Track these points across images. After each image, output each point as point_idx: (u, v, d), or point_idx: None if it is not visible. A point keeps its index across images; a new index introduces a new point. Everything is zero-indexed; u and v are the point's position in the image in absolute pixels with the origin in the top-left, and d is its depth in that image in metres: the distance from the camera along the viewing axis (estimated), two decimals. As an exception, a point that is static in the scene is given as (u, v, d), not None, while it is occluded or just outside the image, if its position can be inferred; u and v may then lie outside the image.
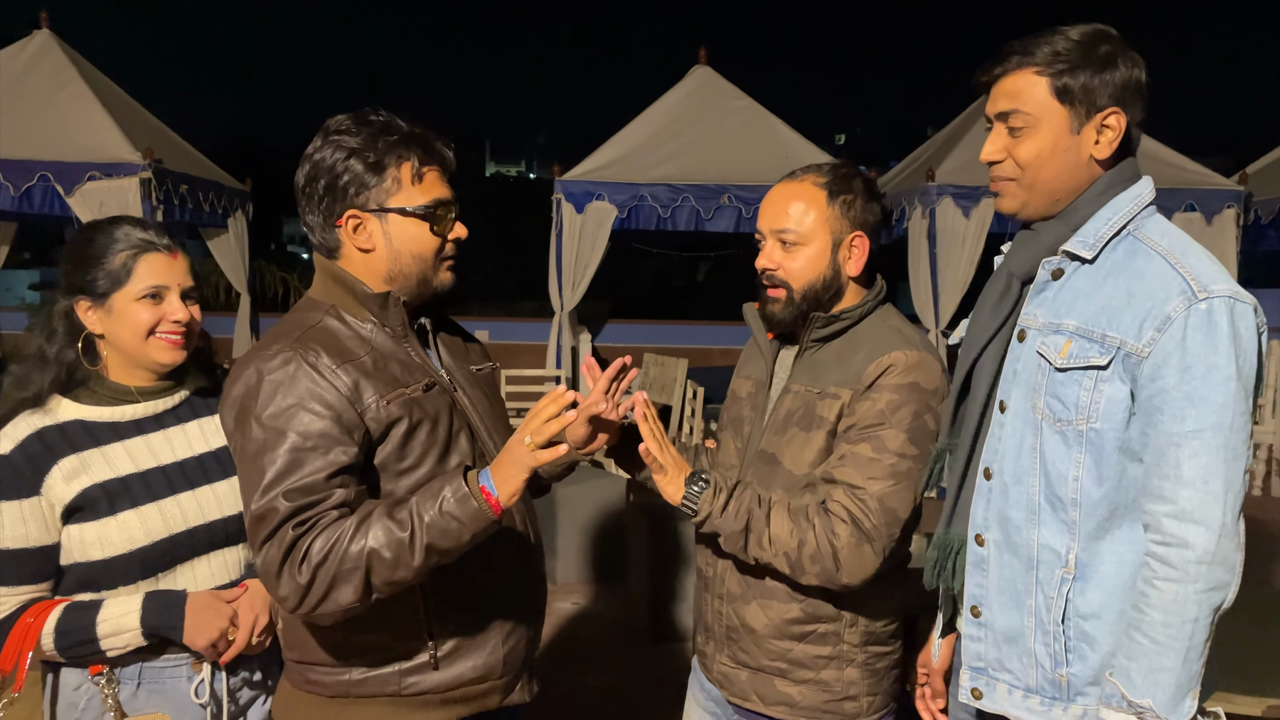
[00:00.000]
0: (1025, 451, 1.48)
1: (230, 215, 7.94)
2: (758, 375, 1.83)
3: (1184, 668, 1.35)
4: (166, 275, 1.69)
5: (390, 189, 1.52)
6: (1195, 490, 1.33)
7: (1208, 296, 1.35)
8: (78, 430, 1.66)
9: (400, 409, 1.49)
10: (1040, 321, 1.49)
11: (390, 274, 1.56)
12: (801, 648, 1.71)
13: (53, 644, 1.61)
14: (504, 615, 1.59)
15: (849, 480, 1.63)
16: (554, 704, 3.43)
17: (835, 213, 1.71)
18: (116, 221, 1.72)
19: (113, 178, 6.30)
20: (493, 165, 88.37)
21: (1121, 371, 1.40)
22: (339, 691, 1.54)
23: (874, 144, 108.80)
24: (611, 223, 7.07)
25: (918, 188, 7.14)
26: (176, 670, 1.68)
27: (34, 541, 1.62)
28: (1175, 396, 1.35)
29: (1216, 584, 1.34)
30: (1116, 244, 1.46)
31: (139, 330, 1.67)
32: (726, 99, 7.58)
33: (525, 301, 19.60)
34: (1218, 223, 6.98)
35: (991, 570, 1.53)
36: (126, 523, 1.63)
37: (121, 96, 7.34)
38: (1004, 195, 1.52)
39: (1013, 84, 1.46)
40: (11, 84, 6.78)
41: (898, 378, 1.64)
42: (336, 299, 1.57)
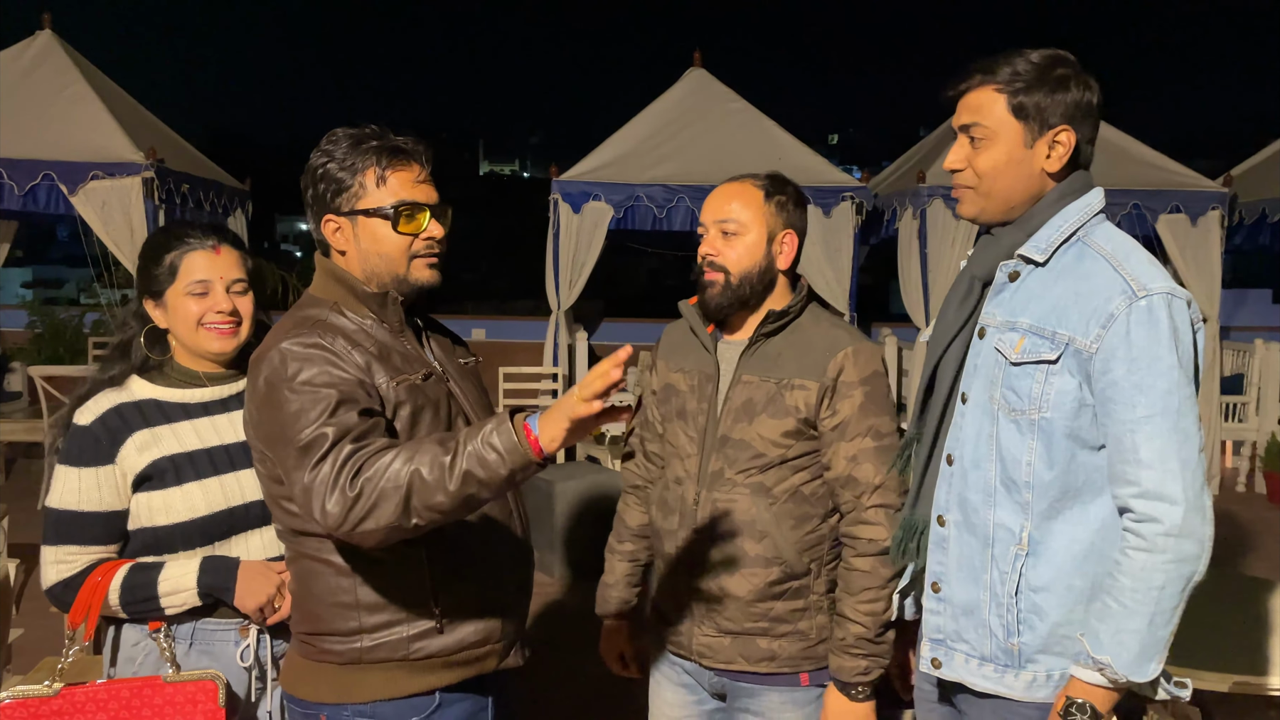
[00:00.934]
0: (983, 439, 1.60)
1: (230, 214, 7.99)
2: (700, 368, 1.98)
3: (1149, 631, 1.45)
4: (209, 270, 1.86)
5: (358, 193, 1.65)
6: (1155, 470, 1.45)
7: (1147, 294, 1.48)
8: (152, 408, 1.85)
9: (406, 393, 1.61)
10: (998, 320, 1.61)
11: (364, 274, 1.68)
12: (780, 605, 1.88)
13: (118, 599, 1.76)
14: (500, 584, 1.71)
15: (869, 479, 1.85)
16: (554, 690, 3.53)
17: (770, 209, 1.92)
18: (171, 227, 1.94)
19: (115, 177, 6.34)
20: (487, 164, 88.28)
21: (1071, 366, 1.52)
22: (351, 659, 1.64)
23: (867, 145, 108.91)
24: (608, 223, 7.17)
25: (909, 189, 7.25)
26: (226, 634, 1.84)
27: (106, 506, 1.80)
28: (1125, 387, 1.47)
29: (1184, 556, 1.44)
30: (1067, 249, 1.58)
31: (189, 321, 1.86)
32: (721, 101, 7.69)
33: (521, 300, 19.67)
34: (1202, 224, 7.09)
35: (951, 549, 1.65)
36: (190, 493, 1.81)
37: (123, 96, 7.40)
38: (963, 201, 1.66)
39: (975, 99, 1.60)
40: (15, 84, 6.82)
41: (860, 370, 1.87)
42: (337, 296, 1.68)
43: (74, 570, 1.79)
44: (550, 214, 7.26)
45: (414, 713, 1.65)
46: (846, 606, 1.84)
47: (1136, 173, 7.23)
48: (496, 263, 33.36)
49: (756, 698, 1.93)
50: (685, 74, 7.90)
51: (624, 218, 7.19)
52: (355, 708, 1.64)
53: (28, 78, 6.88)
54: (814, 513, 1.90)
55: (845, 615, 1.84)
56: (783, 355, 1.90)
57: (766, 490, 1.88)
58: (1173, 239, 7.09)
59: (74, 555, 1.79)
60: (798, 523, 1.88)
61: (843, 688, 1.85)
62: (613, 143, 7.48)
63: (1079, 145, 1.58)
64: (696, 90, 7.77)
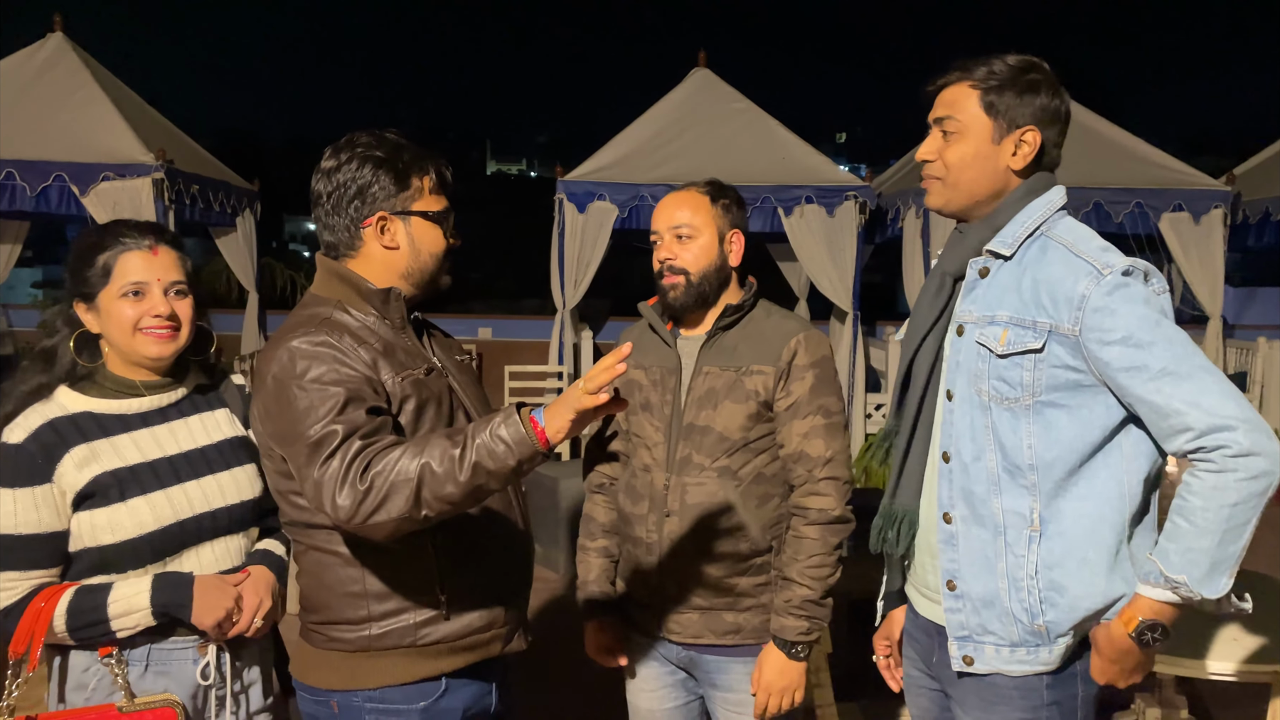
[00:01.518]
0: (979, 431, 1.65)
1: (239, 214, 8.09)
2: (661, 363, 2.11)
3: (1219, 548, 1.48)
4: (145, 272, 1.75)
5: (414, 196, 1.74)
6: (1199, 409, 1.47)
7: (1111, 270, 1.55)
8: (87, 421, 1.73)
9: (411, 388, 1.67)
10: (975, 316, 1.67)
11: (409, 269, 1.75)
12: (745, 580, 2.01)
13: (64, 625, 1.65)
14: (503, 572, 1.78)
15: (820, 453, 1.99)
16: (560, 683, 3.59)
17: (718, 212, 2.07)
18: (107, 226, 1.81)
19: (126, 178, 6.44)
20: (493, 164, 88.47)
21: (1058, 351, 1.57)
22: (360, 646, 1.70)
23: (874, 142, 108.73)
24: (613, 222, 7.23)
25: (912, 188, 7.29)
26: (184, 652, 1.76)
27: (45, 527, 1.67)
28: (1130, 358, 1.51)
29: (1257, 472, 1.46)
30: (1031, 243, 1.65)
31: (125, 326, 1.74)
32: (725, 101, 7.74)
33: (526, 299, 19.71)
34: (1205, 222, 7.13)
35: (961, 544, 1.68)
36: (136, 509, 1.71)
37: (133, 98, 7.49)
38: (931, 192, 1.73)
39: (951, 95, 1.68)
40: (26, 86, 6.92)
41: (811, 354, 2.02)
42: (341, 294, 1.74)
43: (15, 597, 1.66)
44: (555, 214, 7.32)
45: (421, 698, 1.70)
46: (794, 570, 1.96)
47: (1139, 171, 7.27)
48: (502, 262, 33.42)
49: (723, 671, 2.05)
50: (690, 74, 7.96)
51: (629, 217, 7.24)
52: (365, 694, 1.69)
53: (39, 80, 6.98)
54: (774, 492, 2.03)
55: (792, 579, 1.96)
56: (739, 346, 2.04)
57: (733, 473, 2.00)
58: (1175, 237, 7.12)
59: (14, 582, 1.66)
60: (761, 502, 2.01)
61: (784, 646, 1.96)
62: (617, 143, 7.54)
63: (1044, 147, 1.65)
64: (701, 90, 7.82)
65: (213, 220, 7.76)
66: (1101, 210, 7.05)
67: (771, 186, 7.13)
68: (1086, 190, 6.97)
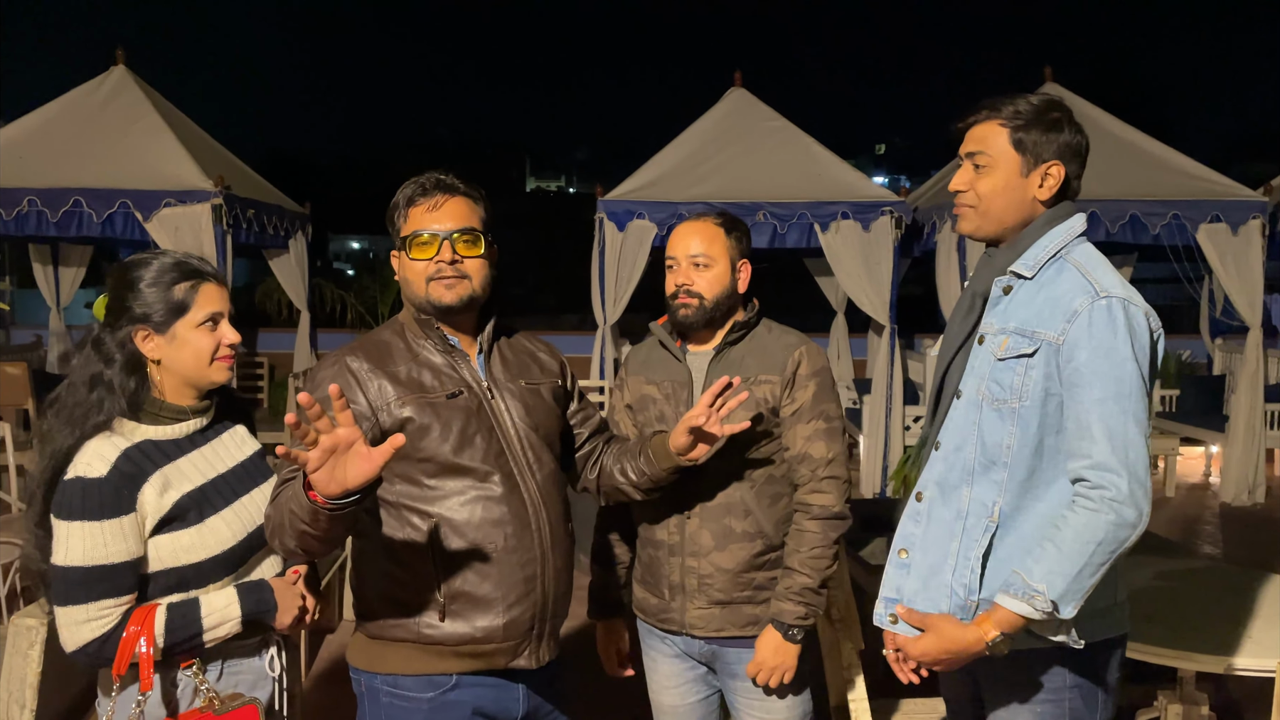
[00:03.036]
0: (968, 425, 1.82)
1: (291, 237, 8.35)
2: (672, 377, 2.28)
3: (1077, 578, 1.65)
4: (220, 303, 1.86)
5: (398, 231, 1.93)
6: (1106, 445, 1.66)
7: (1107, 296, 1.71)
8: (151, 448, 1.80)
9: (413, 410, 1.83)
10: (994, 328, 1.84)
11: (406, 297, 1.95)
12: (762, 574, 2.18)
13: (164, 642, 1.73)
14: (505, 590, 1.82)
15: (822, 455, 2.17)
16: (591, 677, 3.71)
17: (731, 243, 2.24)
18: (166, 254, 1.86)
19: (187, 204, 6.68)
20: (533, 181, 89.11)
21: (1045, 360, 1.73)
22: (378, 633, 1.88)
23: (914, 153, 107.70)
24: (651, 240, 7.36)
25: (947, 203, 7.35)
26: (249, 651, 1.88)
27: (133, 554, 1.74)
28: (1086, 373, 1.69)
29: (1124, 521, 1.65)
30: (1050, 265, 1.81)
31: (203, 354, 1.82)
32: (761, 120, 7.86)
33: (566, 315, 19.90)
34: (1243, 233, 7.09)
35: (924, 520, 1.87)
36: (215, 528, 1.81)
37: (192, 127, 7.79)
38: (963, 219, 1.90)
39: (980, 132, 1.85)
40: (91, 118, 7.23)
41: (812, 365, 2.21)
42: (405, 319, 1.96)
43: (112, 623, 1.72)
44: (596, 232, 7.47)
45: (431, 689, 1.84)
46: (795, 560, 2.13)
47: (1176, 183, 7.26)
48: (543, 277, 33.65)
49: (743, 662, 2.19)
50: (726, 94, 8.08)
51: (667, 235, 7.31)
52: (382, 677, 1.87)
53: (103, 111, 7.29)
54: (783, 491, 2.20)
55: (794, 568, 2.12)
56: (745, 359, 2.22)
57: (747, 474, 2.17)
58: (1213, 248, 7.10)
59: (109, 609, 1.72)
60: (772, 500, 2.19)
61: (781, 628, 2.12)
62: (655, 162, 7.68)
63: (1067, 179, 1.83)
64: (737, 110, 7.95)
65: (266, 243, 8.02)
66: (1139, 222, 7.06)
67: (808, 203, 7.23)
68: (1123, 202, 6.99)
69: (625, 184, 7.54)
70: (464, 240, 1.87)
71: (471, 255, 1.88)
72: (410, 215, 1.90)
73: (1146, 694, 2.91)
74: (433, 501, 1.83)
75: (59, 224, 6.69)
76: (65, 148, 7.00)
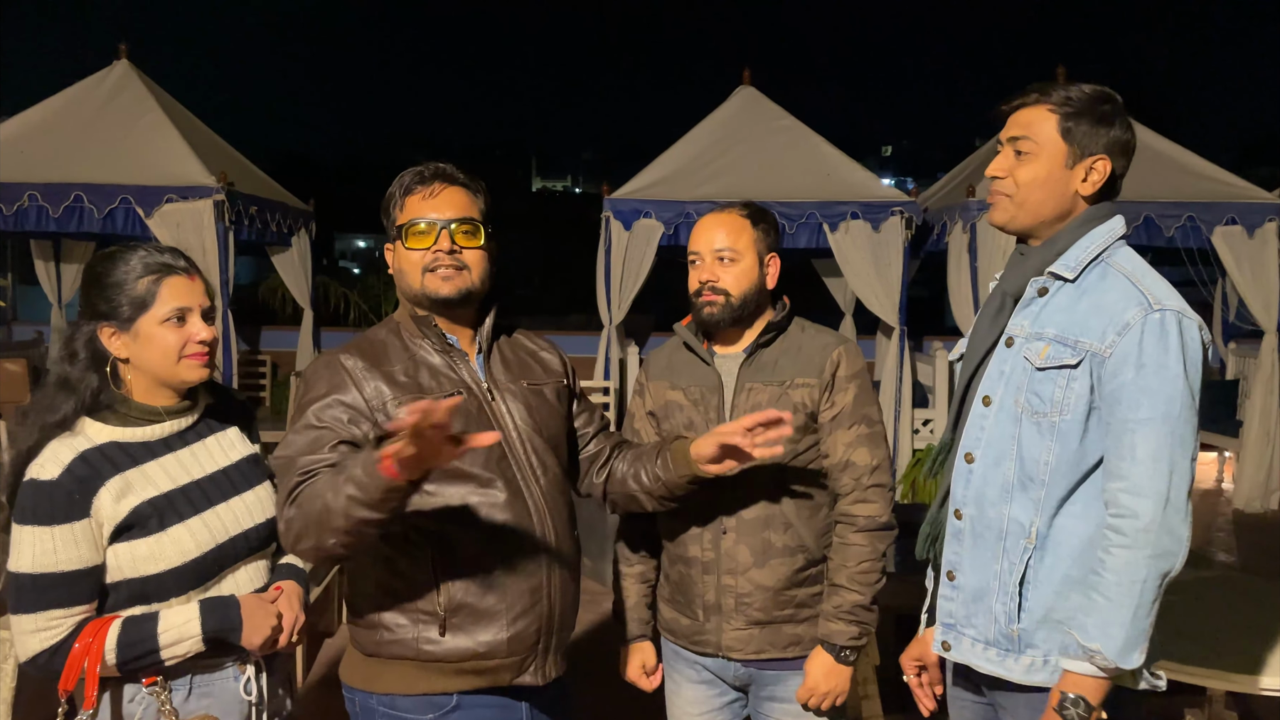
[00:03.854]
0: (1005, 439, 1.71)
1: (294, 234, 8.28)
2: (700, 382, 2.13)
3: (1133, 623, 1.56)
4: (188, 297, 1.75)
5: (393, 221, 1.84)
6: (1145, 468, 1.56)
7: (1161, 309, 1.60)
8: (115, 451, 1.70)
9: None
10: (1026, 331, 1.72)
11: (401, 290, 1.87)
12: (803, 591, 2.04)
13: (115, 659, 1.64)
14: (510, 601, 1.74)
15: (866, 462, 2.03)
16: (598, 694, 3.63)
17: (759, 235, 2.12)
18: (133, 248, 1.76)
19: (189, 200, 6.62)
20: (538, 181, 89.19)
21: (1088, 372, 1.63)
22: (373, 650, 1.78)
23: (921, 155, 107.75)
24: (658, 239, 7.28)
25: (958, 203, 7.27)
26: (224, 672, 1.76)
27: (86, 562, 1.65)
28: (1132, 389, 1.58)
29: (1162, 551, 1.55)
30: (1092, 268, 1.70)
31: (169, 352, 1.72)
32: (770, 119, 7.78)
33: (572, 315, 19.84)
34: (1259, 236, 6.99)
35: (966, 540, 1.76)
36: (178, 537, 1.70)
37: (195, 122, 7.72)
38: (996, 207, 1.77)
39: (1027, 116, 1.73)
40: (94, 113, 7.18)
41: (852, 366, 2.08)
42: (402, 317, 1.87)
43: (61, 635, 1.63)
44: (602, 231, 7.40)
45: (431, 709, 1.75)
46: (843, 577, 2.00)
47: (1191, 184, 7.16)
48: (548, 278, 33.63)
49: (781, 683, 2.07)
50: (735, 92, 8.01)
51: (674, 234, 7.29)
52: (378, 697, 1.77)
53: (106, 106, 7.23)
54: (823, 501, 2.07)
55: (842, 585, 2.00)
56: (779, 362, 2.08)
57: (786, 485, 2.04)
58: (1229, 251, 7.00)
59: (59, 620, 1.63)
60: (813, 512, 2.06)
61: (833, 650, 1.99)
62: (663, 161, 7.60)
63: (1113, 175, 1.71)
64: (746, 108, 7.87)
65: (269, 240, 7.95)
66: (1153, 224, 6.96)
67: (817, 203, 7.15)
68: (1138, 204, 6.89)
69: (632, 182, 7.46)
70: (463, 230, 1.80)
71: (470, 246, 1.81)
72: (407, 204, 1.82)
73: (1167, 708, 2.82)
74: (432, 509, 1.74)
75: (60, 220, 6.64)
76: (67, 143, 6.94)
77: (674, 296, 2.31)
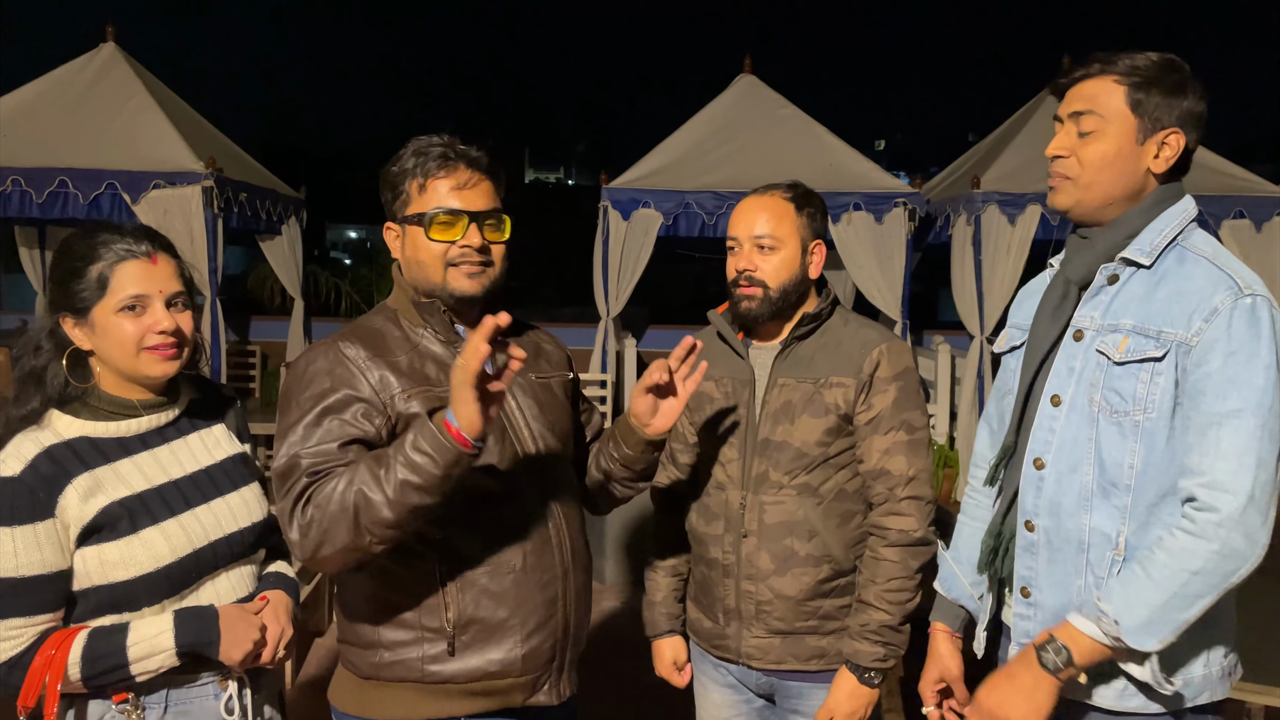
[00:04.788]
0: (1081, 443, 1.56)
1: (284, 222, 8.13)
2: (733, 374, 2.00)
3: (1164, 609, 1.42)
4: (145, 283, 1.59)
5: (406, 201, 1.67)
6: (1229, 463, 1.42)
7: (1252, 294, 1.47)
8: (85, 447, 1.57)
9: (421, 404, 1.59)
10: (1098, 323, 1.58)
11: (412, 279, 1.70)
12: (829, 603, 1.91)
13: (79, 673, 1.50)
14: (524, 616, 1.62)
15: (902, 471, 1.88)
16: (603, 695, 3.52)
17: (803, 221, 1.96)
18: (94, 230, 1.62)
19: (176, 186, 6.47)
20: (531, 172, 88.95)
21: (1174, 364, 1.49)
22: (370, 673, 1.63)
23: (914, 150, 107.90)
24: (657, 230, 7.15)
25: (963, 195, 7.16)
26: (203, 689, 1.63)
27: (50, 567, 1.51)
28: (1218, 380, 1.44)
29: (1231, 550, 1.41)
30: (1168, 253, 1.56)
31: (126, 344, 1.58)
32: (771, 107, 7.65)
33: (566, 307, 19.74)
34: (1268, 230, 6.92)
35: (1041, 554, 1.61)
36: (151, 541, 1.57)
37: (184, 107, 7.56)
38: (1059, 191, 1.62)
39: (1092, 88, 1.57)
40: (80, 96, 7.01)
41: (894, 365, 1.91)
42: (400, 304, 1.72)
43: (21, 646, 1.50)
44: (600, 221, 7.26)
45: None
46: (871, 594, 1.86)
47: (1199, 178, 7.06)
48: (543, 270, 33.53)
49: (805, 697, 1.95)
50: (735, 80, 7.89)
51: (673, 224, 7.17)
52: None
53: (92, 89, 7.06)
54: (856, 509, 1.93)
55: (869, 602, 1.86)
56: (815, 357, 1.93)
57: (813, 490, 1.90)
58: (1236, 245, 6.91)
59: (18, 629, 1.50)
60: (843, 520, 1.92)
61: (857, 671, 1.87)
62: (663, 149, 7.47)
63: (1186, 151, 1.57)
64: (746, 96, 7.74)
65: (259, 228, 7.81)
66: (1159, 217, 6.87)
67: (819, 193, 7.01)
68: (1143, 197, 6.79)
69: (631, 171, 7.33)
70: (490, 224, 1.67)
71: (496, 240, 1.68)
72: (430, 187, 1.65)
73: None
74: (438, 516, 1.58)
75: (44, 206, 6.48)
76: (51, 127, 6.77)
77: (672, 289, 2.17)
